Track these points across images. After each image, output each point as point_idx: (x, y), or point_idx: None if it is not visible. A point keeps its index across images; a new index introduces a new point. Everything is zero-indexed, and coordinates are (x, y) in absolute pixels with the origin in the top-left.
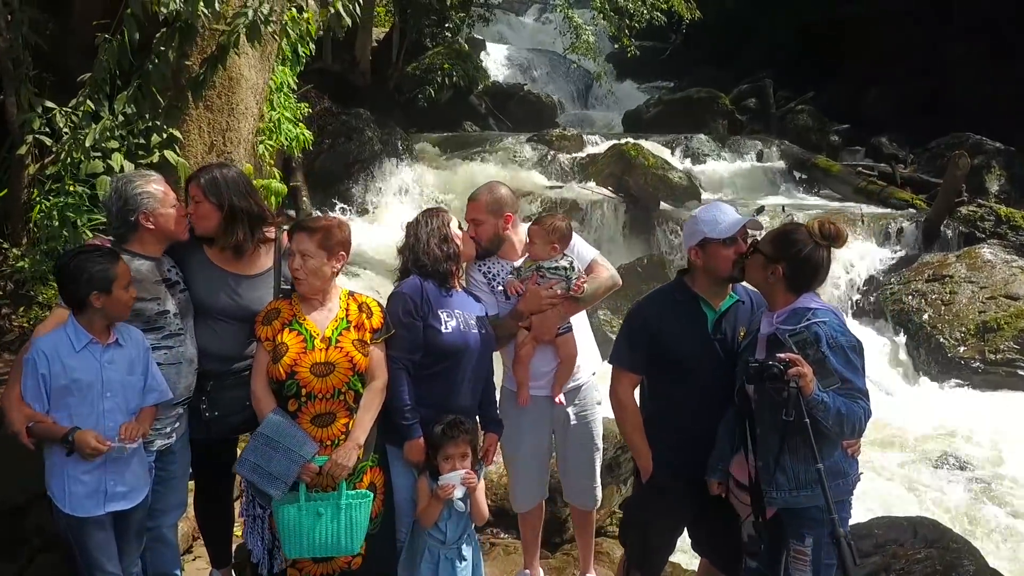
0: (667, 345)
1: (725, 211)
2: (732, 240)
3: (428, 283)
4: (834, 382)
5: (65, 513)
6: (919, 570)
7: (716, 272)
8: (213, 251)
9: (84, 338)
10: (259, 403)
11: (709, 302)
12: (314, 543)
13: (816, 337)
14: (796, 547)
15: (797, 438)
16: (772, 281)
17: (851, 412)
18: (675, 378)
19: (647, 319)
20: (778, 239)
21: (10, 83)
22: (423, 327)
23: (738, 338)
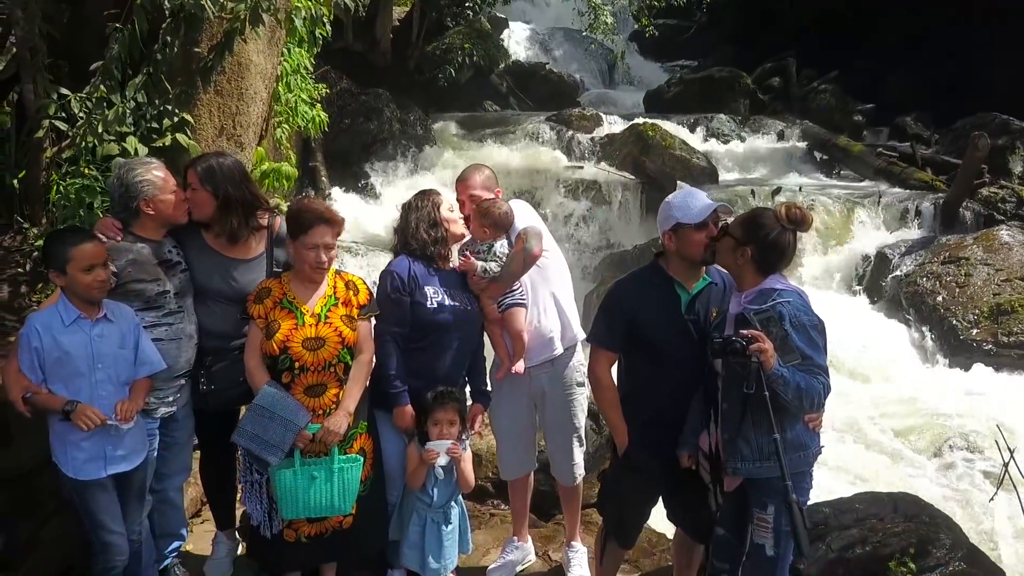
0: (642, 325)
1: (697, 197)
2: (703, 225)
3: (416, 263)
4: (795, 358)
5: (69, 477)
6: (895, 543)
7: (688, 256)
8: (210, 236)
9: (73, 313)
10: (253, 376)
11: (683, 284)
12: (309, 505)
13: (780, 316)
14: (759, 515)
15: (759, 411)
16: (741, 263)
17: (810, 387)
18: (650, 357)
19: (623, 300)
20: (746, 223)
21: (27, 71)
22: (410, 303)
23: (711, 318)
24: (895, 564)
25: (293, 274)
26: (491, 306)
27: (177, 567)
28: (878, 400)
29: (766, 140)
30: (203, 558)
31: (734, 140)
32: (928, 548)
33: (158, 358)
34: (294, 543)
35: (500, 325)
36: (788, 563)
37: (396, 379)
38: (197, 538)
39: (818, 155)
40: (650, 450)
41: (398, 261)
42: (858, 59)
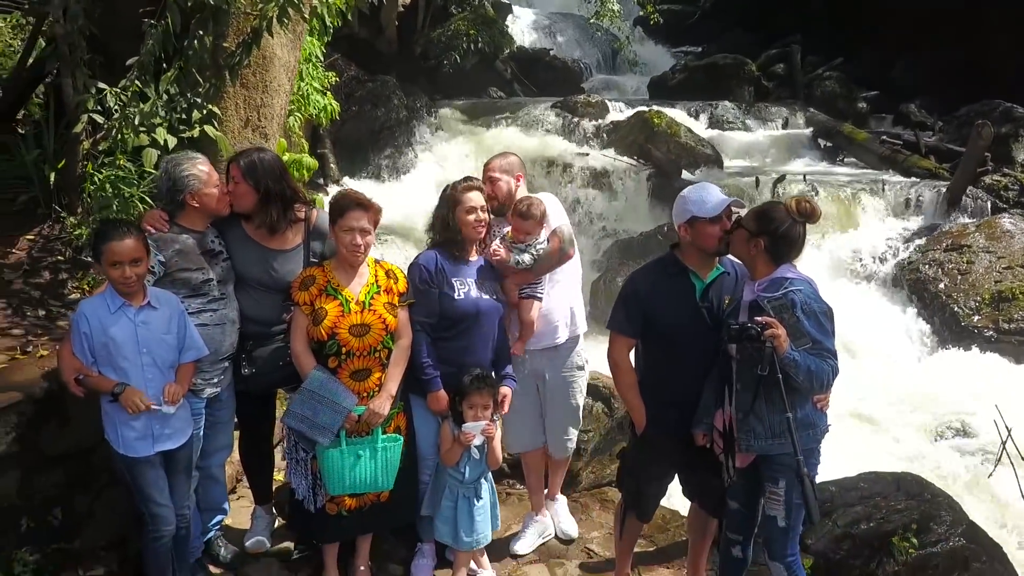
0: (658, 312)
1: (711, 191)
2: (717, 218)
3: (443, 255)
4: (806, 343)
5: (120, 454)
6: (898, 519)
7: (703, 247)
8: (250, 227)
9: (118, 301)
10: (300, 361)
11: (697, 273)
12: (355, 481)
13: (792, 303)
14: (771, 489)
15: (772, 391)
16: (754, 253)
17: (820, 369)
18: (666, 343)
19: (640, 288)
20: (759, 216)
21: (66, 67)
22: (438, 294)
23: (723, 306)
24: (898, 539)
25: (335, 262)
26: (514, 291)
27: (220, 539)
28: (881, 385)
29: (771, 127)
30: (242, 531)
31: (738, 127)
32: (929, 524)
33: (202, 344)
34: (336, 516)
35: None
36: (798, 533)
37: (428, 366)
38: (234, 513)
39: (822, 142)
40: (666, 429)
41: (426, 254)
42: (865, 45)
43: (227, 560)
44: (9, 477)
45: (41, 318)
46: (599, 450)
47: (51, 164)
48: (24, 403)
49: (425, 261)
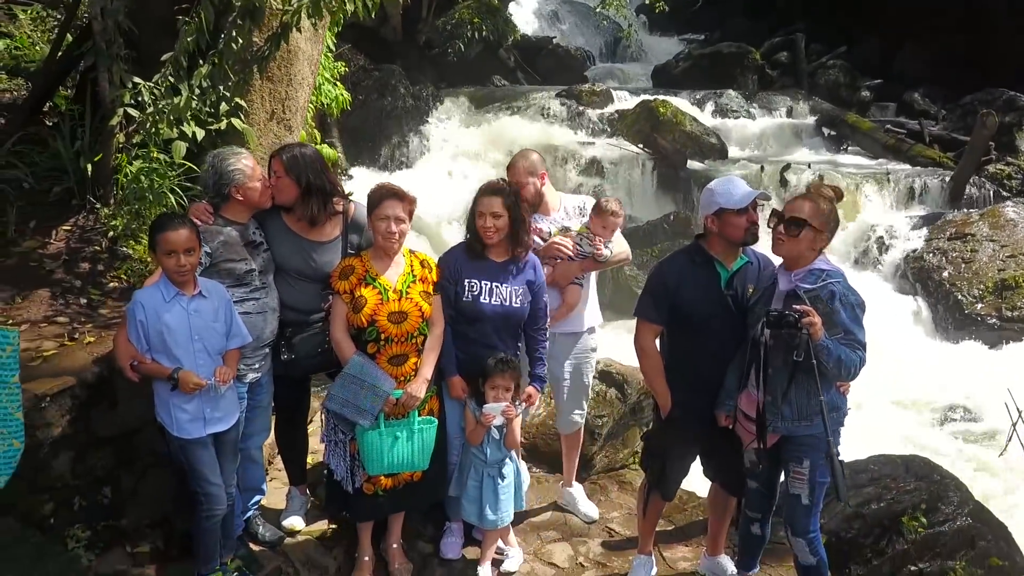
0: (684, 300)
1: (737, 184)
2: (744, 210)
3: (464, 252)
4: (838, 332)
5: (175, 436)
6: (908, 500)
7: (730, 237)
8: (290, 219)
9: (172, 291)
10: (340, 347)
11: (723, 263)
12: (393, 461)
13: (831, 295)
14: (796, 469)
15: (803, 376)
16: (815, 247)
17: (849, 358)
18: (691, 329)
19: (667, 277)
20: (826, 216)
21: (103, 62)
22: (454, 291)
23: (747, 294)
24: (907, 519)
25: (372, 252)
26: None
27: (258, 518)
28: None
29: (775, 116)
30: (276, 511)
31: (743, 116)
32: (938, 505)
33: (246, 331)
34: (372, 495)
35: None
36: (819, 510)
37: (448, 354)
38: (270, 494)
39: (827, 131)
40: (691, 413)
41: (451, 250)
42: (869, 33)
43: (265, 538)
44: (64, 458)
45: (83, 306)
46: (612, 435)
47: (87, 156)
48: (77, 387)
49: (447, 257)
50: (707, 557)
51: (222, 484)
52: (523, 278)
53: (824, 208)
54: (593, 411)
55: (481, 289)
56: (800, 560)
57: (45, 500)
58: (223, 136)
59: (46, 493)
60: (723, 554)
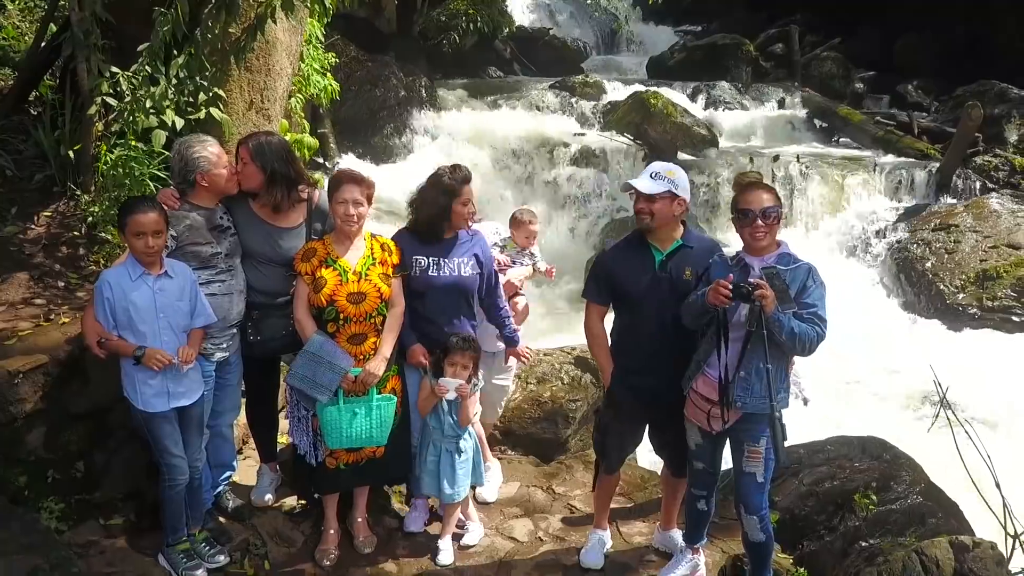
0: (621, 281)
1: (642, 175)
2: (636, 199)
3: (409, 236)
4: (791, 307)
5: (139, 410)
6: (860, 479)
7: (637, 223)
8: (256, 205)
9: (138, 270)
10: (302, 326)
11: (657, 246)
12: (351, 436)
13: (808, 273)
14: (752, 447)
15: (758, 346)
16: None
17: (803, 332)
18: (630, 309)
19: (605, 261)
20: (776, 195)
21: (82, 52)
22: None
23: (683, 276)
24: (859, 497)
25: (334, 235)
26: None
27: (228, 493)
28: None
29: (767, 108)
30: (249, 487)
31: (735, 107)
32: (890, 483)
33: (211, 311)
34: (334, 469)
35: None
36: (769, 485)
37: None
38: (241, 472)
39: (818, 123)
40: (630, 389)
41: (398, 233)
42: (869, 22)
43: (235, 512)
44: (37, 432)
45: (61, 289)
46: (587, 419)
47: (67, 144)
48: (50, 365)
49: (398, 242)
50: (660, 531)
51: (184, 456)
52: (470, 251)
53: (775, 192)
54: (568, 395)
55: (428, 264)
56: (750, 537)
57: (19, 473)
58: (202, 125)
59: (19, 466)
60: (675, 528)
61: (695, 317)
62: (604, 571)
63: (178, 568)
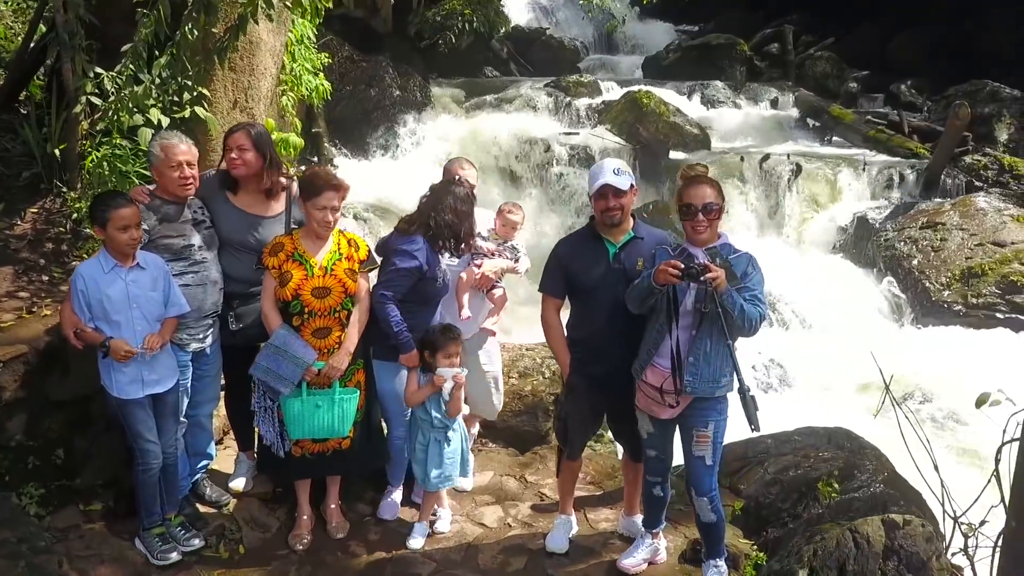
0: (575, 274)
1: (602, 169)
2: (599, 195)
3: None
4: (736, 283)
5: (114, 396)
6: (824, 467)
7: (599, 218)
8: (235, 196)
9: (110, 262)
10: (267, 318)
11: (610, 239)
12: (313, 427)
13: (749, 260)
14: (700, 432)
15: (712, 326)
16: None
17: (750, 310)
18: (584, 300)
19: (560, 255)
20: (720, 190)
21: (66, 53)
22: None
23: (636, 267)
24: (823, 485)
25: (303, 231)
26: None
27: (205, 480)
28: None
29: (760, 107)
30: (227, 475)
31: (729, 107)
32: (853, 472)
33: (184, 301)
34: (300, 458)
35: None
36: (717, 470)
37: (404, 331)
38: (221, 461)
39: (811, 122)
40: (587, 378)
41: (418, 245)
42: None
43: (212, 499)
44: (17, 419)
45: (45, 283)
46: None
47: (53, 143)
48: (30, 355)
49: (417, 253)
50: (624, 517)
51: (158, 442)
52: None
53: (719, 186)
54: (549, 389)
55: (446, 272)
56: (702, 518)
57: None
58: (187, 124)
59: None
60: (638, 513)
61: (641, 300)
62: (568, 555)
63: (153, 551)
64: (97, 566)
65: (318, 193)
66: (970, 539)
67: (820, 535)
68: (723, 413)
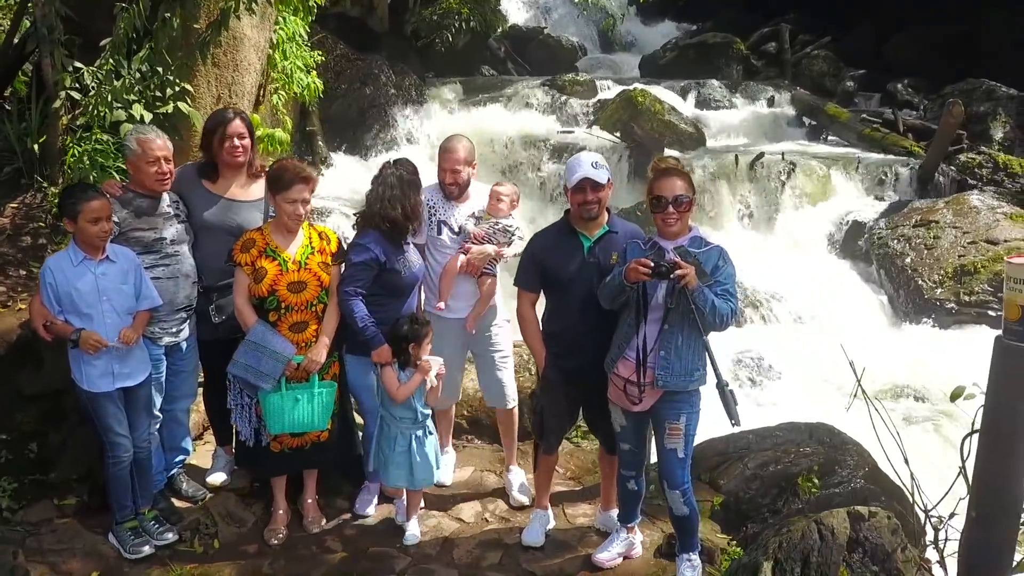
0: (550, 268)
1: (580, 163)
2: (578, 189)
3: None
4: (707, 281)
5: (84, 389)
6: (804, 463)
7: (575, 212)
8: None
9: (79, 255)
10: (242, 315)
11: (585, 233)
12: (293, 422)
13: (720, 254)
14: (672, 425)
15: (683, 320)
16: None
17: (721, 306)
18: (559, 294)
19: (535, 249)
20: (691, 182)
21: (45, 47)
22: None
23: (610, 261)
24: (803, 480)
25: (272, 226)
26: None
27: (181, 475)
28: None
29: (757, 106)
30: (205, 470)
31: (725, 105)
32: (834, 467)
33: (156, 295)
34: (279, 453)
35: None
36: (690, 463)
37: (371, 326)
38: (200, 456)
39: (806, 121)
40: (562, 372)
41: (373, 238)
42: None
43: (188, 493)
44: None
45: (22, 278)
46: None
47: (34, 138)
48: (2, 348)
49: (370, 244)
50: (601, 512)
51: (128, 436)
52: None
53: (689, 178)
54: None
55: (410, 263)
56: (675, 511)
57: None
58: (170, 119)
59: None
60: (615, 508)
61: (612, 297)
62: (544, 549)
63: (125, 545)
64: (68, 560)
65: (288, 186)
66: (940, 531)
67: (787, 527)
68: (695, 406)
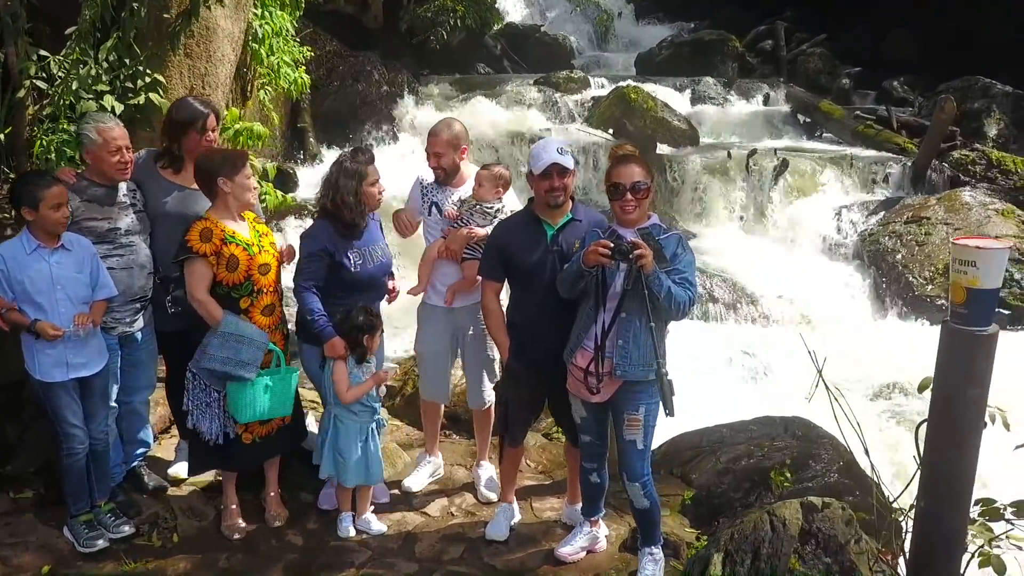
0: (513, 257)
1: (546, 149)
2: (544, 175)
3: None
4: (666, 266)
5: (37, 379)
6: (777, 456)
7: (538, 198)
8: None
9: (32, 244)
10: (207, 307)
11: (548, 221)
12: (264, 409)
13: (678, 241)
14: (631, 416)
15: (638, 305)
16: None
17: (678, 293)
18: (523, 284)
19: (498, 238)
20: (649, 169)
21: (9, 36)
22: (330, 263)
23: (573, 249)
24: (775, 474)
25: (216, 213)
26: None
27: (143, 468)
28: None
29: (752, 103)
30: (169, 463)
31: (720, 103)
32: (808, 462)
33: (112, 284)
34: (250, 444)
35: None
36: (650, 454)
37: (322, 318)
38: (165, 449)
39: (801, 118)
40: (525, 361)
41: (320, 226)
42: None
43: (149, 487)
44: None
45: None
46: None
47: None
48: None
49: (317, 234)
50: (567, 506)
51: (83, 427)
52: (379, 229)
53: (647, 166)
54: None
55: (364, 258)
56: (635, 504)
57: None
58: (141, 110)
59: None
60: (580, 501)
61: (572, 283)
62: (507, 543)
63: (79, 539)
64: (22, 554)
65: (238, 170)
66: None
67: (740, 519)
68: (655, 396)
